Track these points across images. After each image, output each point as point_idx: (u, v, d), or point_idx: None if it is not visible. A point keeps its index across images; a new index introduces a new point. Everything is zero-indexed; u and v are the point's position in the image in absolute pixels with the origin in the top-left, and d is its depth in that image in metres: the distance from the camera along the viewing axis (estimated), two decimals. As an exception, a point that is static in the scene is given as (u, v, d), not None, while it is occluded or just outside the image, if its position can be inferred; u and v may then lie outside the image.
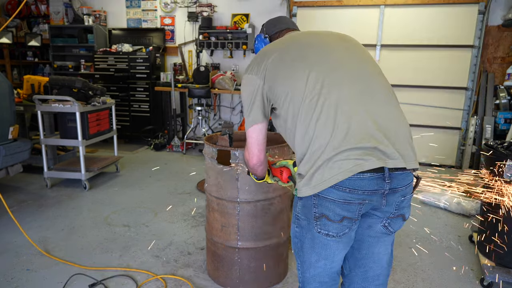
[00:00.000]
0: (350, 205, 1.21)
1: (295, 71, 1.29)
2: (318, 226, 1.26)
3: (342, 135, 1.18)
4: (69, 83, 3.96)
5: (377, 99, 1.26)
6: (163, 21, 6.24)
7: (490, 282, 2.32)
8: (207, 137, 2.33)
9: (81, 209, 3.51)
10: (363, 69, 1.32)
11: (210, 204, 2.26)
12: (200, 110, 5.49)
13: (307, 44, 1.37)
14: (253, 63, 1.41)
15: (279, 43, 1.44)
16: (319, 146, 1.20)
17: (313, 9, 5.42)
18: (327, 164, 1.18)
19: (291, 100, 1.28)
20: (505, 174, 2.21)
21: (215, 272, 2.33)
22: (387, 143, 1.19)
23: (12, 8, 6.82)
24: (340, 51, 1.35)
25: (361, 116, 1.21)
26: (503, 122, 4.39)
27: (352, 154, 1.16)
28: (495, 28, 4.80)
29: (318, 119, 1.21)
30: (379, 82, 1.32)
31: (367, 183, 1.18)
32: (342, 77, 1.26)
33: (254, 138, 1.40)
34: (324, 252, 1.30)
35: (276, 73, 1.32)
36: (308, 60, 1.30)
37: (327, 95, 1.22)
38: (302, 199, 1.28)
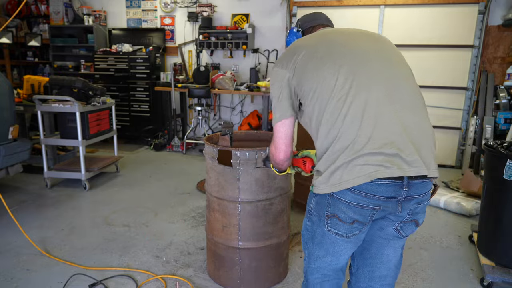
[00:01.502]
0: (363, 209, 1.21)
1: (324, 69, 1.27)
2: (328, 225, 1.28)
3: (366, 139, 1.17)
4: (69, 83, 3.96)
5: (405, 104, 1.24)
6: (163, 21, 6.24)
7: (490, 282, 2.32)
8: (207, 137, 2.33)
9: (81, 209, 3.51)
10: (393, 72, 1.30)
11: (210, 204, 2.26)
12: (200, 110, 5.49)
13: (337, 43, 1.34)
14: (283, 58, 1.40)
15: (310, 39, 1.41)
16: (341, 146, 1.19)
17: (313, 9, 5.41)
18: (347, 166, 1.17)
19: (318, 97, 1.26)
20: (505, 174, 2.22)
21: (216, 272, 2.33)
22: (411, 150, 1.17)
23: (12, 8, 6.81)
24: (372, 52, 1.32)
25: (387, 120, 1.19)
26: (503, 122, 4.39)
27: (372, 159, 1.15)
28: (495, 28, 4.80)
29: (344, 120, 1.20)
30: (409, 86, 1.30)
31: (384, 189, 1.18)
32: (372, 78, 1.24)
33: (283, 133, 1.38)
34: (332, 249, 1.33)
35: (305, 69, 1.30)
36: (338, 59, 1.28)
37: (355, 96, 1.21)
38: (317, 195, 1.30)
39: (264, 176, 2.10)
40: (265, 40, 5.78)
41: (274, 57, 5.79)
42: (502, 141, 2.42)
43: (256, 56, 5.86)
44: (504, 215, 2.32)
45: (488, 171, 2.45)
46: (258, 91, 5.21)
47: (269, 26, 5.72)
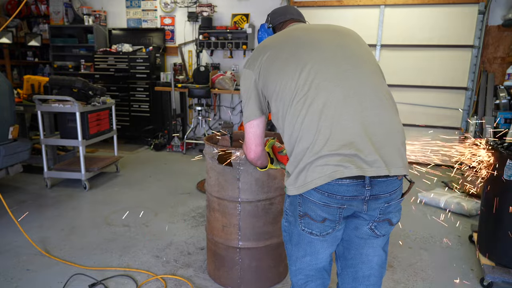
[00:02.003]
0: (330, 208, 1.23)
1: (286, 70, 1.27)
2: (302, 224, 1.30)
3: (324, 140, 1.17)
4: (69, 83, 3.96)
5: (367, 102, 1.21)
6: (163, 21, 6.24)
7: (490, 282, 2.32)
8: (207, 137, 2.33)
9: (81, 209, 3.51)
10: (358, 70, 1.27)
11: (211, 204, 2.26)
12: (200, 110, 5.49)
13: (302, 42, 1.33)
14: (251, 58, 1.41)
15: (276, 38, 1.42)
16: (302, 149, 1.21)
17: (313, 9, 5.42)
18: (309, 168, 1.19)
19: (280, 99, 1.28)
20: (505, 174, 2.22)
21: (216, 272, 2.33)
22: (371, 150, 1.15)
23: (12, 8, 6.82)
24: (336, 50, 1.30)
25: (346, 121, 1.18)
26: (503, 122, 4.39)
27: (331, 160, 1.16)
28: (495, 28, 4.80)
29: (302, 122, 1.21)
30: (374, 84, 1.27)
31: (345, 189, 1.18)
32: (333, 78, 1.22)
33: (252, 133, 1.41)
34: (309, 249, 1.34)
35: (269, 71, 1.32)
36: (301, 60, 1.27)
37: (314, 97, 1.20)
38: (290, 196, 1.32)
39: (264, 176, 2.10)
40: (265, 40, 5.77)
41: (274, 57, 5.79)
42: (502, 141, 2.42)
43: (256, 56, 5.85)
44: (504, 215, 2.32)
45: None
46: (258, 91, 5.20)
47: (269, 26, 5.71)
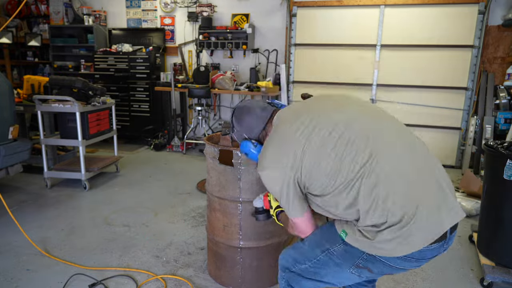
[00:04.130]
0: (399, 270, 1.29)
1: (343, 157, 1.22)
2: (354, 270, 1.32)
3: (412, 210, 1.17)
4: (69, 83, 3.96)
5: (424, 164, 1.27)
6: (163, 21, 6.24)
7: (490, 282, 2.32)
8: (207, 137, 2.33)
9: (81, 209, 3.51)
10: (402, 137, 1.31)
11: (211, 204, 2.26)
12: (200, 110, 5.49)
13: (335, 124, 1.28)
14: (277, 156, 1.31)
15: (295, 126, 1.32)
16: (395, 221, 1.17)
17: (313, 9, 5.42)
18: (402, 240, 1.17)
19: (345, 187, 1.22)
20: (505, 174, 2.22)
21: (217, 272, 2.33)
22: (447, 198, 1.22)
23: (12, 8, 6.81)
24: (368, 121, 1.31)
25: (424, 184, 1.22)
26: (503, 122, 4.39)
27: (424, 225, 1.17)
28: (495, 28, 4.80)
29: (386, 197, 1.18)
30: (420, 145, 1.31)
31: (431, 252, 1.23)
32: (390, 150, 1.24)
33: (304, 227, 1.42)
34: (341, 279, 1.40)
35: (317, 162, 1.25)
36: (350, 141, 1.24)
37: (383, 173, 1.19)
38: (348, 244, 1.28)
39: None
40: (265, 40, 5.78)
41: (274, 57, 5.79)
42: (502, 141, 2.42)
43: (256, 56, 5.86)
44: (504, 215, 2.32)
45: (488, 171, 2.46)
46: (258, 91, 5.21)
47: (269, 26, 5.72)
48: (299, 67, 5.62)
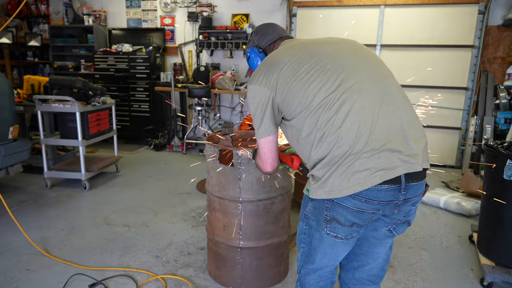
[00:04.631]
0: (363, 214, 1.24)
1: (312, 81, 1.28)
2: (328, 228, 1.30)
3: (363, 144, 1.18)
4: (69, 83, 3.96)
5: (396, 103, 1.27)
6: (163, 21, 6.24)
7: (490, 282, 2.32)
8: (207, 137, 2.33)
9: (81, 209, 3.51)
10: (379, 74, 1.33)
11: (211, 204, 2.26)
12: (200, 110, 5.49)
13: (320, 53, 1.34)
14: (260, 74, 1.38)
15: (286, 53, 1.40)
16: (340, 152, 1.20)
17: (313, 9, 5.42)
18: (347, 172, 1.19)
19: (309, 110, 1.26)
20: (505, 174, 2.22)
21: (217, 272, 2.33)
22: (410, 148, 1.21)
23: (12, 8, 6.81)
24: (354, 58, 1.34)
25: (383, 122, 1.21)
26: (503, 122, 4.39)
27: (371, 163, 1.17)
28: (495, 28, 4.80)
29: (340, 127, 1.20)
30: (395, 86, 1.33)
31: (384, 194, 1.20)
32: (362, 83, 1.26)
33: (268, 149, 1.43)
34: (330, 251, 1.36)
35: (290, 84, 1.30)
36: (325, 69, 1.29)
37: (349, 102, 1.22)
38: (313, 200, 1.32)
39: (265, 175, 2.10)
40: (265, 40, 5.77)
41: (274, 57, 5.79)
42: (502, 141, 2.42)
43: (256, 56, 5.85)
44: (504, 215, 2.32)
45: (488, 171, 2.46)
46: (258, 91, 5.20)
47: (269, 26, 5.71)
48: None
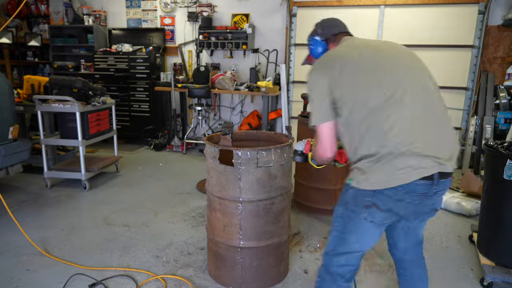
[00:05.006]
0: (401, 203, 1.40)
1: (371, 83, 1.43)
2: (366, 214, 1.44)
3: (407, 145, 1.35)
4: (69, 83, 3.96)
5: (438, 114, 1.46)
6: (163, 21, 6.24)
7: (490, 282, 2.32)
8: (208, 137, 2.33)
9: (81, 209, 3.51)
10: (427, 84, 1.49)
11: (211, 204, 2.26)
12: (200, 110, 5.49)
13: (381, 57, 1.51)
14: (324, 65, 1.53)
15: (349, 50, 1.55)
16: (387, 151, 1.36)
17: (313, 9, 5.42)
18: (392, 169, 1.36)
19: (367, 107, 1.40)
20: (505, 174, 2.22)
21: (217, 272, 2.33)
22: (444, 153, 1.40)
23: (12, 8, 6.81)
24: (409, 66, 1.51)
25: (427, 129, 1.40)
26: (503, 122, 4.39)
27: (413, 162, 1.35)
28: (495, 28, 4.80)
29: (390, 129, 1.37)
30: (438, 97, 1.49)
31: (420, 188, 1.38)
32: (413, 92, 1.42)
33: (328, 133, 1.53)
34: (362, 236, 1.50)
35: (351, 81, 1.44)
36: (384, 73, 1.44)
37: (400, 108, 1.38)
38: (355, 188, 1.45)
39: (265, 175, 2.10)
40: (265, 40, 5.78)
41: (274, 57, 5.80)
42: (502, 141, 2.42)
43: (256, 56, 5.86)
44: (504, 215, 2.32)
45: (488, 171, 2.46)
46: (258, 91, 5.21)
47: (269, 26, 5.72)
48: (299, 67, 5.62)
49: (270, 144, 2.51)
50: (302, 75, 5.61)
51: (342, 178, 3.28)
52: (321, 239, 2.95)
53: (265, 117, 5.28)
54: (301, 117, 3.49)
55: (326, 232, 3.07)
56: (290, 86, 5.70)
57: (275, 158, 2.09)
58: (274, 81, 5.54)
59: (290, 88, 5.69)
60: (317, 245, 2.84)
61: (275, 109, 5.84)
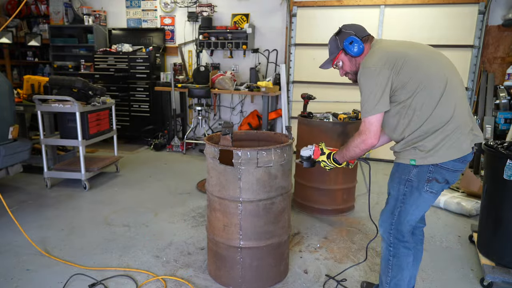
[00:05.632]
0: (456, 172, 1.71)
1: (430, 70, 1.70)
2: (428, 186, 1.72)
3: (464, 122, 1.68)
4: (69, 83, 3.96)
5: (467, 99, 1.80)
6: (163, 21, 6.24)
7: (490, 282, 2.32)
8: (208, 137, 2.33)
9: (81, 209, 3.51)
10: (459, 75, 1.80)
11: (211, 204, 2.26)
12: (200, 110, 5.49)
13: (426, 51, 1.80)
14: (381, 58, 1.70)
15: (399, 47, 1.78)
16: (450, 128, 1.65)
17: (313, 9, 5.42)
18: (456, 143, 1.65)
19: (428, 95, 1.66)
20: (505, 174, 2.22)
21: (217, 272, 2.33)
22: (476, 127, 1.75)
23: (12, 8, 6.82)
24: (447, 62, 1.81)
25: (468, 110, 1.74)
26: (503, 122, 4.40)
27: (467, 137, 1.67)
28: (495, 28, 4.80)
29: (454, 110, 1.66)
30: (464, 86, 1.83)
31: (469, 156, 1.71)
32: (456, 80, 1.74)
33: (379, 122, 1.73)
34: (423, 204, 1.79)
35: (413, 70, 1.67)
36: (435, 67, 1.72)
37: (455, 92, 1.69)
38: (418, 166, 1.71)
39: (265, 175, 2.10)
40: (265, 40, 5.78)
41: (274, 57, 5.80)
42: (502, 141, 2.42)
43: (256, 56, 5.86)
44: (504, 215, 2.32)
45: (488, 171, 2.46)
46: (258, 91, 5.21)
47: (269, 26, 5.72)
48: (299, 67, 5.62)
49: (270, 144, 2.51)
50: (302, 75, 5.61)
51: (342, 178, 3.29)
52: (321, 239, 2.95)
53: (265, 117, 5.28)
54: (301, 117, 3.49)
55: (326, 232, 3.08)
56: (290, 86, 5.70)
57: (275, 158, 2.09)
58: (274, 81, 5.54)
59: (290, 88, 5.69)
60: (317, 245, 2.84)
61: (275, 109, 5.84)
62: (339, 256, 2.68)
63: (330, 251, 2.76)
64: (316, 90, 5.38)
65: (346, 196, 3.43)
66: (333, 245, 2.86)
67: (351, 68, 1.91)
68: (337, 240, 2.93)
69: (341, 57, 1.91)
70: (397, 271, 1.90)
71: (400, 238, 1.86)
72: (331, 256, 2.68)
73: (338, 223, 3.26)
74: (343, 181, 3.34)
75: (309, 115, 3.51)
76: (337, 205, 3.40)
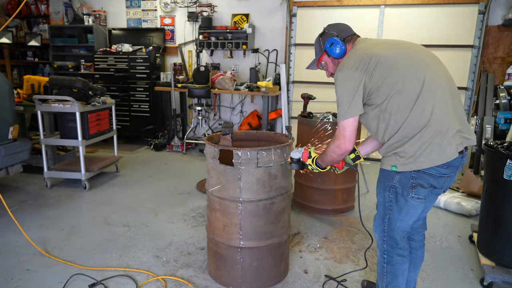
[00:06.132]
0: (442, 178, 1.63)
1: (406, 71, 1.61)
2: (413, 193, 1.66)
3: (447, 125, 1.57)
4: (69, 83, 3.96)
5: (457, 98, 1.69)
6: (163, 21, 6.24)
7: (490, 282, 2.32)
8: (208, 137, 2.33)
9: (81, 209, 3.51)
10: (445, 72, 1.71)
11: (211, 204, 2.26)
12: (200, 110, 5.49)
13: (407, 53, 1.70)
14: (355, 61, 1.65)
15: (378, 47, 1.70)
16: (430, 132, 1.56)
17: (313, 9, 5.42)
18: (437, 148, 1.56)
19: (404, 97, 1.58)
20: (505, 174, 2.22)
21: (217, 272, 2.33)
22: (468, 130, 1.65)
23: (12, 8, 6.82)
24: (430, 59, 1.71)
25: (455, 111, 1.62)
26: (503, 122, 4.40)
27: (452, 140, 1.57)
28: (495, 28, 4.80)
29: (432, 113, 1.56)
30: (454, 85, 1.71)
31: (456, 161, 1.61)
32: (440, 79, 1.64)
33: (353, 127, 1.67)
34: (412, 210, 1.72)
35: (387, 71, 1.61)
36: (413, 66, 1.63)
37: (434, 93, 1.58)
38: (400, 173, 1.65)
39: (265, 175, 2.10)
40: (265, 40, 5.78)
41: (274, 57, 5.80)
42: (502, 141, 2.42)
43: (256, 56, 5.86)
44: (504, 215, 2.32)
45: (488, 171, 2.46)
46: (258, 91, 5.21)
47: (269, 26, 5.72)
48: (299, 67, 5.62)
49: (270, 144, 2.51)
50: (302, 75, 5.61)
51: (341, 178, 3.30)
52: (321, 239, 2.95)
53: (265, 117, 5.28)
54: (301, 117, 3.49)
55: (326, 232, 3.08)
56: (290, 86, 5.70)
57: (275, 158, 2.09)
58: (274, 81, 5.54)
59: (290, 88, 5.69)
60: (317, 245, 2.84)
61: (275, 109, 5.84)
62: (339, 256, 2.68)
63: (330, 251, 2.76)
64: (316, 90, 5.38)
65: (346, 196, 3.43)
66: (333, 245, 2.86)
67: (334, 69, 1.87)
68: (337, 240, 2.93)
69: (324, 58, 1.90)
70: (392, 277, 1.87)
71: (394, 245, 1.82)
72: (331, 256, 2.68)
73: (338, 223, 3.26)
74: (343, 181, 3.34)
75: (309, 115, 3.51)
76: (337, 205, 3.40)
